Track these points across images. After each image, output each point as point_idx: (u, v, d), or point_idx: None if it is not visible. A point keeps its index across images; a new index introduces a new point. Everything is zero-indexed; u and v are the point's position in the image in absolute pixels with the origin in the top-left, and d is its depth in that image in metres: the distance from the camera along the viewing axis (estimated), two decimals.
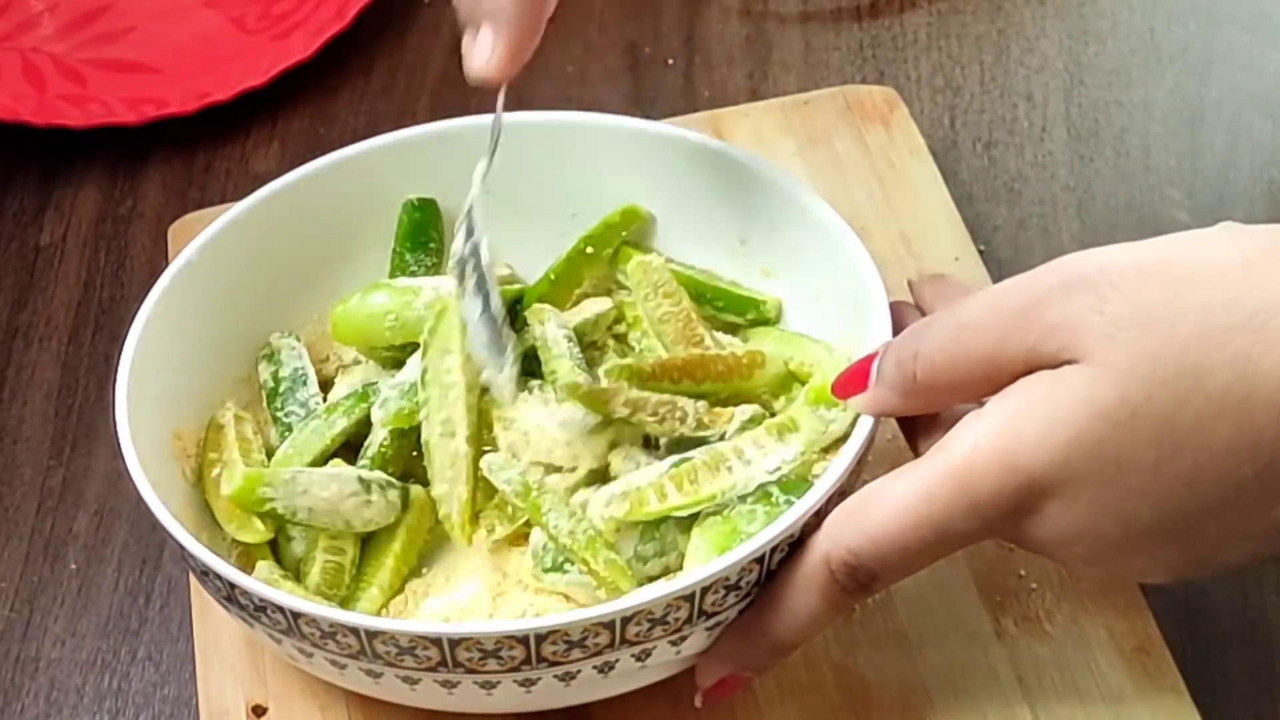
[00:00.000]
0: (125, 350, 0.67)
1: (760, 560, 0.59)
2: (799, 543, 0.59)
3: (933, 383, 0.58)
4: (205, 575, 0.62)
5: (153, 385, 0.67)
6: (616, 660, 0.59)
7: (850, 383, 0.62)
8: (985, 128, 0.91)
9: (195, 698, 0.68)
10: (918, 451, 0.61)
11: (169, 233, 0.86)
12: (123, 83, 0.96)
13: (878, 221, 0.82)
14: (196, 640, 0.70)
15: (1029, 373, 0.55)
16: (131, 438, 0.64)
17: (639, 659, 0.60)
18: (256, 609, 0.60)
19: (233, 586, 0.60)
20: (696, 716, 0.65)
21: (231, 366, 0.73)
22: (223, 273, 0.72)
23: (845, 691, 0.66)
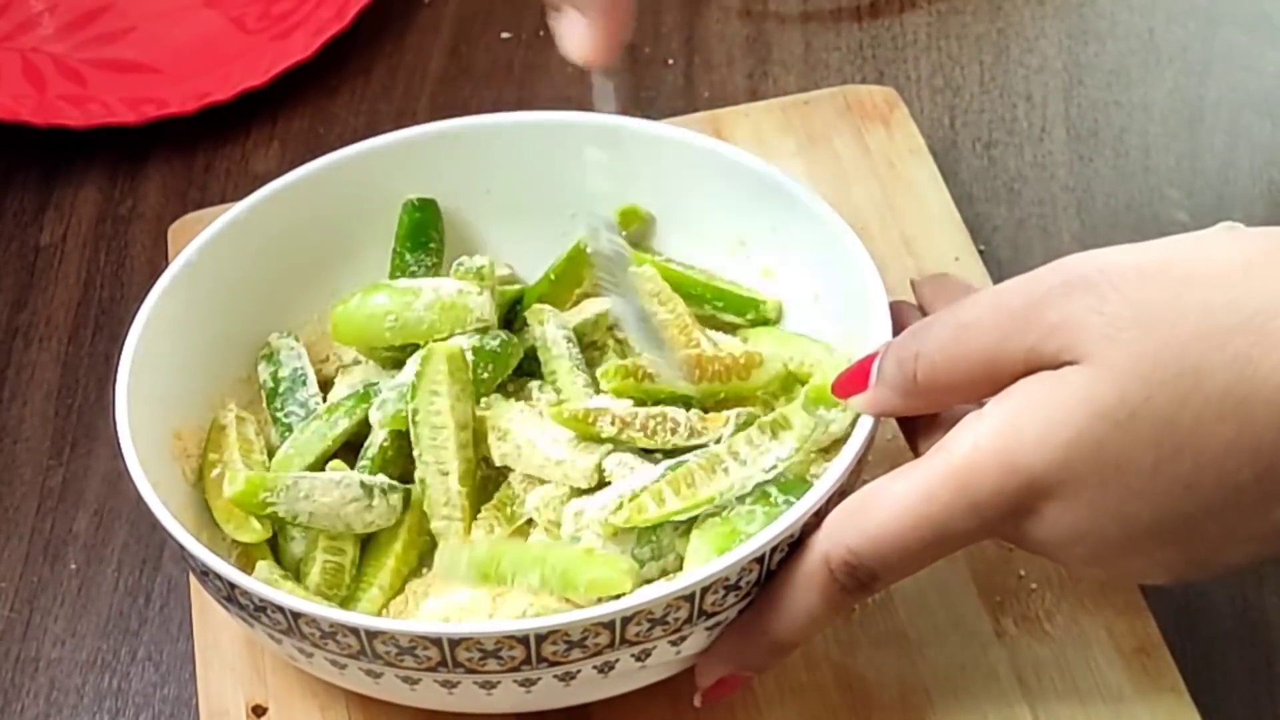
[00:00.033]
0: (125, 350, 0.67)
1: (760, 560, 0.59)
2: (799, 543, 0.59)
3: (933, 383, 0.58)
4: (205, 575, 0.62)
5: (153, 385, 0.67)
6: (616, 660, 0.59)
7: (850, 382, 0.62)
8: (985, 128, 0.91)
9: (195, 698, 0.68)
10: (918, 451, 0.61)
11: (169, 233, 0.86)
12: (123, 83, 0.96)
13: (878, 221, 0.82)
14: (196, 640, 0.70)
15: (1029, 373, 0.55)
16: (131, 438, 0.64)
17: (639, 659, 0.60)
18: (256, 609, 0.60)
19: (233, 586, 0.60)
20: (696, 716, 0.65)
21: (231, 366, 0.73)
22: (223, 273, 0.72)
23: (845, 691, 0.66)
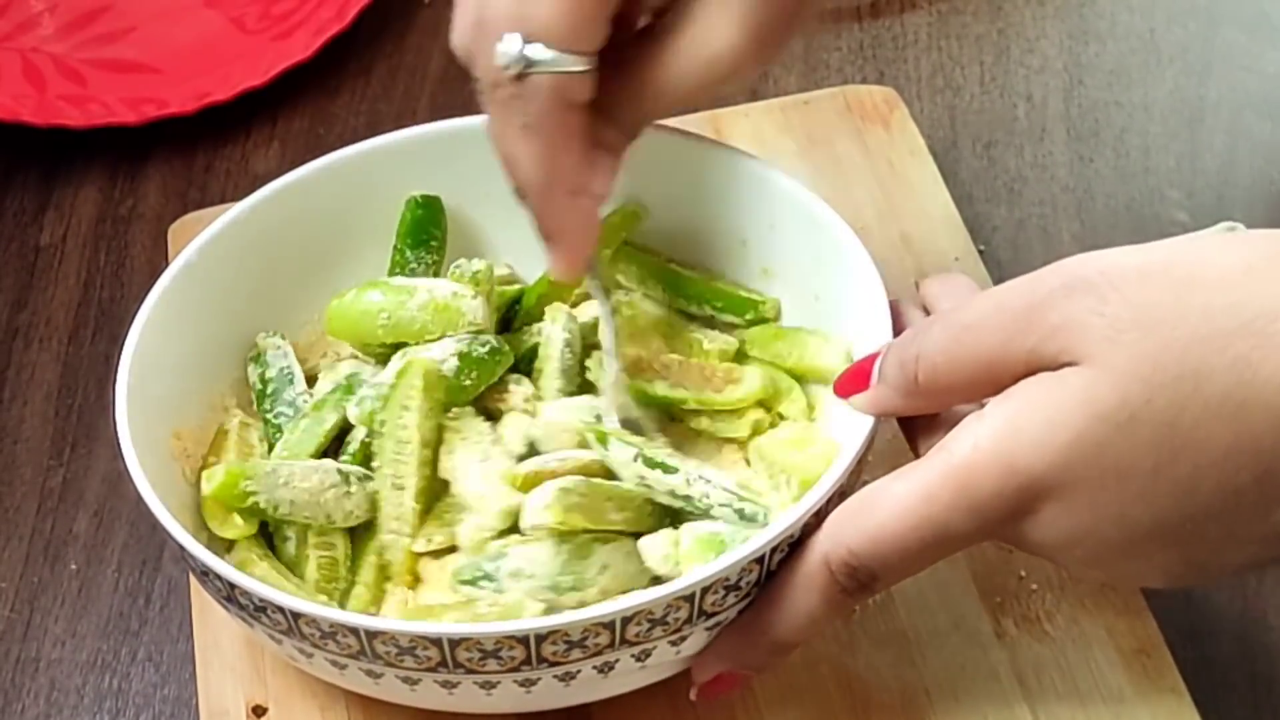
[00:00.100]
0: (125, 350, 0.67)
1: (760, 560, 0.59)
2: (799, 543, 0.59)
3: (934, 383, 0.58)
4: (205, 575, 0.62)
5: (153, 385, 0.67)
6: (616, 660, 0.59)
7: (852, 382, 0.62)
8: (985, 128, 0.91)
9: (195, 698, 0.68)
10: (918, 452, 0.61)
11: (169, 233, 0.86)
12: (123, 83, 0.96)
13: (878, 221, 0.82)
14: (196, 640, 0.70)
15: (1030, 374, 0.55)
16: (131, 438, 0.64)
17: (639, 659, 0.60)
18: (256, 609, 0.60)
19: (233, 587, 0.60)
20: (697, 717, 0.65)
21: (231, 366, 0.72)
22: (223, 273, 0.71)
23: (845, 691, 0.66)
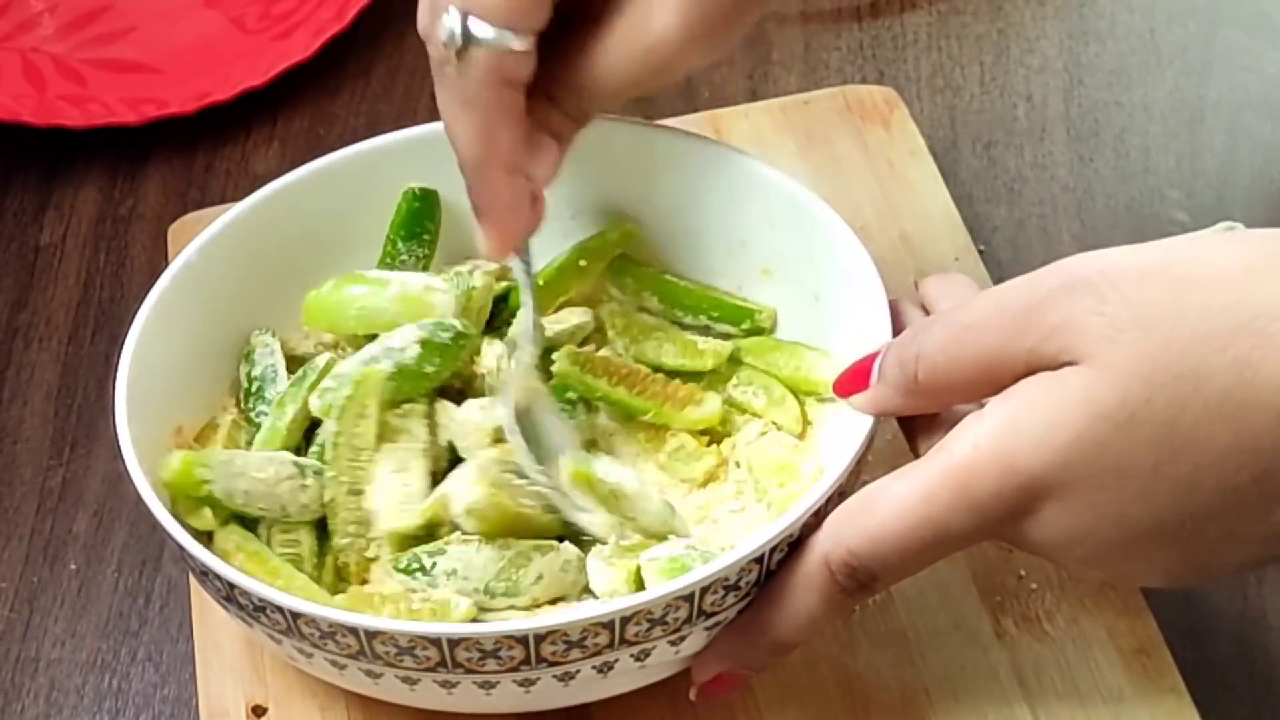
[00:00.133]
0: (125, 350, 0.67)
1: (760, 560, 0.59)
2: (798, 542, 0.59)
3: (934, 383, 0.58)
4: (205, 575, 0.62)
5: (152, 385, 0.67)
6: (616, 660, 0.59)
7: (851, 382, 0.62)
8: (985, 128, 0.91)
9: (195, 698, 0.68)
10: (917, 452, 0.61)
11: (169, 233, 0.86)
12: (123, 83, 0.96)
13: (878, 221, 0.82)
14: (196, 640, 0.70)
15: (1030, 374, 0.55)
16: (131, 438, 0.64)
17: (638, 659, 0.60)
18: (256, 609, 0.60)
19: (232, 586, 0.60)
20: (696, 717, 0.65)
21: (231, 366, 0.72)
22: (223, 273, 0.71)
23: (845, 691, 0.66)
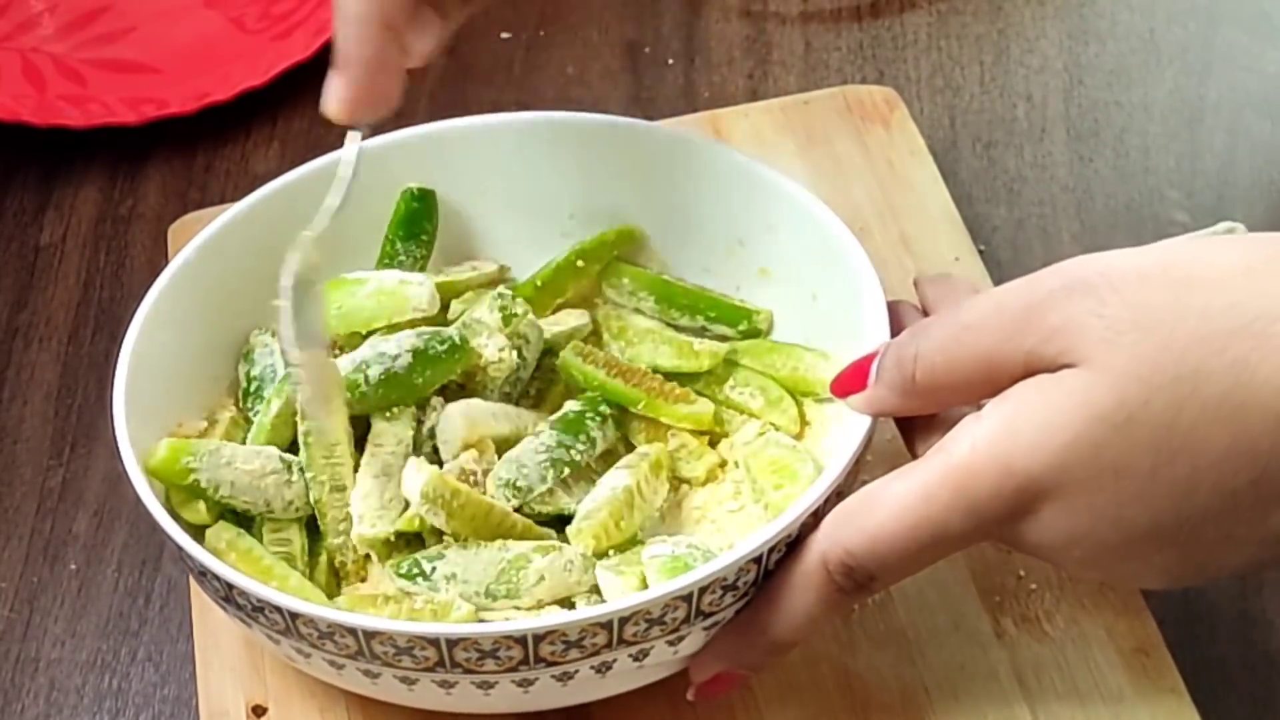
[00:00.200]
0: (124, 350, 0.67)
1: (758, 560, 0.59)
2: (796, 542, 0.59)
3: (932, 383, 0.58)
4: (204, 576, 0.62)
5: (151, 386, 0.67)
6: (614, 660, 0.59)
7: (849, 382, 0.62)
8: (985, 128, 0.91)
9: (195, 698, 0.68)
10: (915, 453, 0.61)
11: (169, 233, 0.86)
12: (123, 83, 0.96)
13: (877, 221, 0.82)
14: (196, 640, 0.70)
15: (1028, 375, 0.55)
16: (130, 438, 0.64)
17: (636, 659, 0.60)
18: (254, 609, 0.60)
19: (230, 587, 0.60)
20: (696, 716, 0.65)
21: (230, 366, 0.72)
22: (222, 273, 0.71)
23: (845, 691, 0.66)
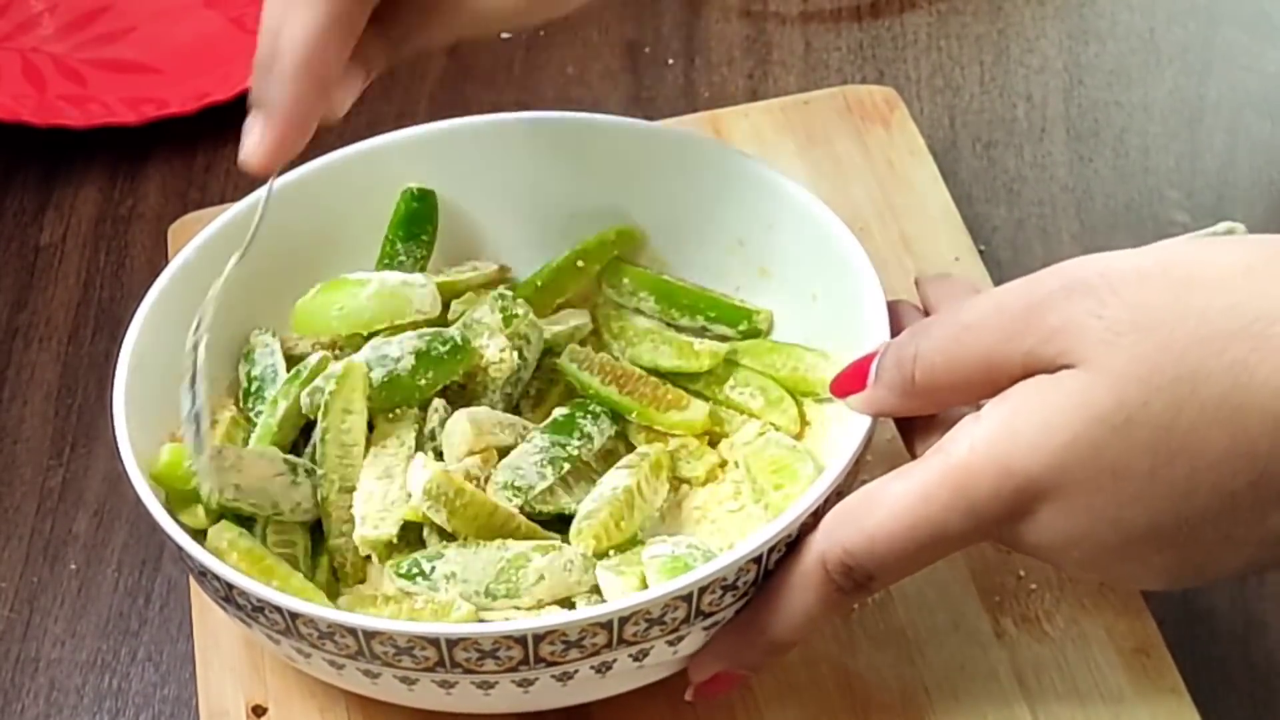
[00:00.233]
0: (123, 350, 0.67)
1: (758, 560, 0.59)
2: (796, 542, 0.59)
3: (931, 384, 0.58)
4: (203, 576, 0.62)
5: (151, 386, 0.67)
6: (614, 660, 0.59)
7: (849, 382, 0.62)
8: (985, 128, 0.91)
9: (195, 698, 0.68)
10: (914, 453, 0.61)
11: (169, 233, 0.86)
12: (123, 83, 0.96)
13: (877, 221, 0.82)
14: (196, 640, 0.70)
15: (1027, 376, 0.55)
16: (130, 438, 0.64)
17: (636, 659, 0.60)
18: (254, 609, 0.60)
19: (230, 587, 0.60)
20: (696, 717, 0.65)
21: (230, 366, 0.72)
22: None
23: (845, 691, 0.66)
